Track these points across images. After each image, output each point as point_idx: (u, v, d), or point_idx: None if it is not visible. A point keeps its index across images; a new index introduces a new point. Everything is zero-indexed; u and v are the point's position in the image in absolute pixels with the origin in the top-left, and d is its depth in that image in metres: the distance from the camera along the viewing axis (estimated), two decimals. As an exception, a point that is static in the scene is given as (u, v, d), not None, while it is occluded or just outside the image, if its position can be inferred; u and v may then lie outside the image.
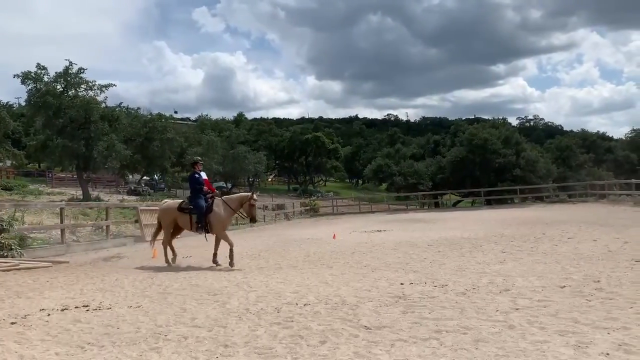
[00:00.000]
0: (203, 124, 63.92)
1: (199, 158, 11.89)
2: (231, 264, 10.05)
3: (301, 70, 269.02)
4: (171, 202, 11.85)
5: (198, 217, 10.55)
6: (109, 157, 30.74)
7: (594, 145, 66.06)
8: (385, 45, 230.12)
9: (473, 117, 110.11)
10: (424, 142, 60.49)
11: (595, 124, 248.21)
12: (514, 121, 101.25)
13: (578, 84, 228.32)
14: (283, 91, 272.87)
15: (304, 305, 6.33)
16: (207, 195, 10.83)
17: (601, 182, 36.40)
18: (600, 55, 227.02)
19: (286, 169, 74.03)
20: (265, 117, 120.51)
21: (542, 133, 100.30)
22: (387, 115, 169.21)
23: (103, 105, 32.15)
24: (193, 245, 13.71)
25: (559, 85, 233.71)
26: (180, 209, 10.93)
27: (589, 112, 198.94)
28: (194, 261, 11.51)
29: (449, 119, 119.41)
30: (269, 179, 76.99)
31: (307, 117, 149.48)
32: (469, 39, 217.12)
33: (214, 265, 10.31)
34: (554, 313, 5.28)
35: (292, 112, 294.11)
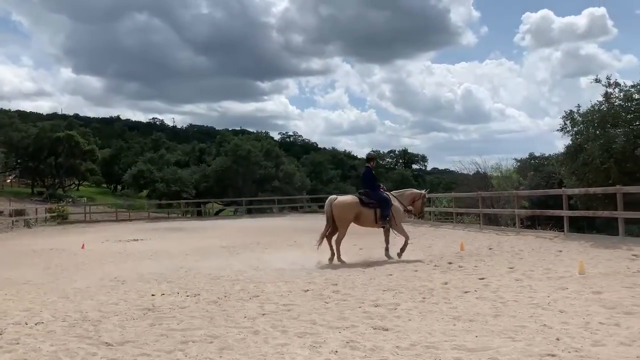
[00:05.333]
0: None
1: (374, 153, 11.49)
2: (399, 255, 10.44)
3: (56, 61, 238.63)
4: (346, 198, 11.06)
5: (384, 211, 10.54)
6: None
7: (342, 162, 75.10)
8: (152, 47, 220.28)
9: (239, 128, 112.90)
10: (190, 150, 59.77)
11: (344, 144, 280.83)
12: (276, 135, 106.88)
13: (331, 106, 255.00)
14: (31, 81, 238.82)
15: (36, 324, 5.60)
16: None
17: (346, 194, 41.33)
18: (349, 83, 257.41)
19: (30, 170, 65.08)
20: (7, 108, 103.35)
21: (299, 149, 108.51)
22: (153, 119, 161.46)
23: None
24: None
25: (315, 106, 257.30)
26: (364, 203, 10.60)
27: (340, 133, 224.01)
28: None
29: (216, 129, 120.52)
30: (8, 181, 66.83)
31: (60, 112, 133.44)
32: (236, 52, 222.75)
33: (388, 258, 10.36)
34: (296, 316, 5.67)
35: (42, 106, 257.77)
